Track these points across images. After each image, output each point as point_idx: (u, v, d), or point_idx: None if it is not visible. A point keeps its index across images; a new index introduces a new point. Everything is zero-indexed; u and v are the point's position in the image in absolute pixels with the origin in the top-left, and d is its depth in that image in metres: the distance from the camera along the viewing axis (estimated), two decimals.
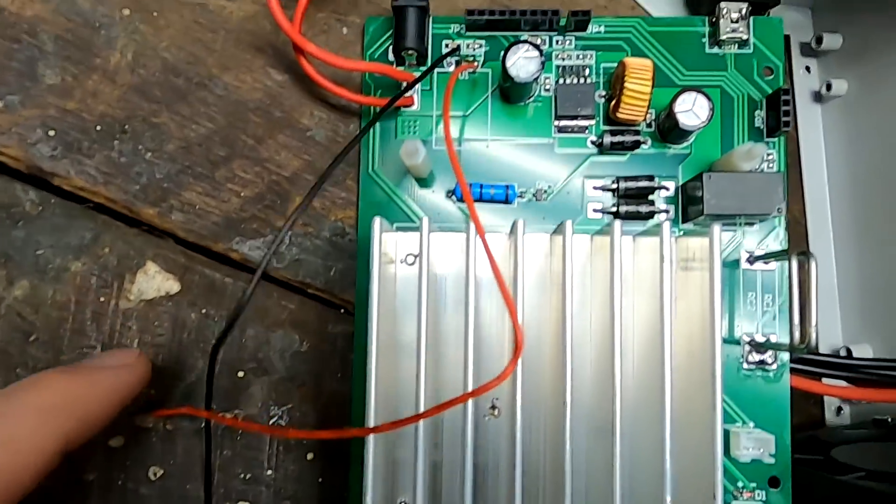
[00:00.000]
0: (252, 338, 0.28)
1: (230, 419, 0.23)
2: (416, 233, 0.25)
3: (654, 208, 0.28)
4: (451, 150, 0.23)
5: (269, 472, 0.28)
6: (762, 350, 0.27)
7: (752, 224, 0.28)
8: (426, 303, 0.24)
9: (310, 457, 0.28)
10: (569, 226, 0.24)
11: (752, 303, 0.28)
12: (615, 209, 0.28)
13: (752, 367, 0.28)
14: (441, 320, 0.26)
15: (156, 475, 0.27)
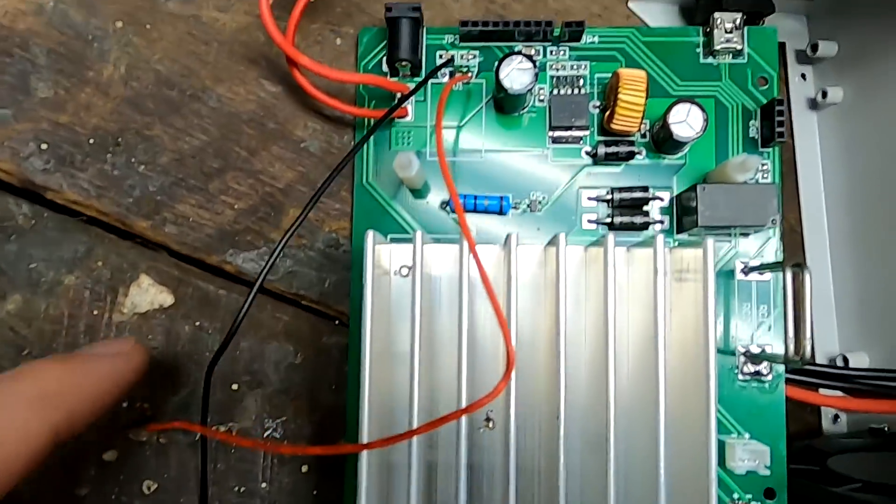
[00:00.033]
0: (246, 350, 0.28)
1: (223, 434, 0.23)
2: (411, 244, 0.25)
3: (648, 219, 0.28)
4: (444, 163, 0.23)
5: (264, 485, 0.28)
6: (757, 361, 0.27)
7: (747, 235, 0.28)
8: (419, 319, 0.24)
9: (304, 469, 0.28)
10: (562, 239, 0.24)
11: (747, 313, 0.28)
12: (610, 220, 0.28)
13: (747, 378, 0.27)
14: (436, 329, 0.26)
15: (150, 489, 0.27)
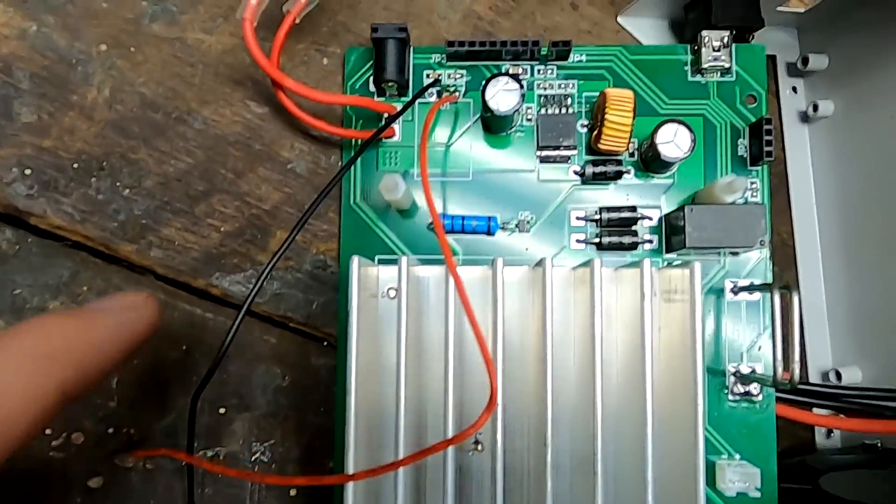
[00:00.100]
0: (233, 373, 0.28)
1: (208, 463, 0.22)
2: (402, 260, 0.25)
3: (637, 239, 0.28)
4: (427, 188, 0.23)
5: None
6: (747, 381, 0.27)
7: (737, 254, 0.28)
8: (404, 347, 0.24)
9: (292, 493, 0.28)
10: (548, 263, 0.24)
11: (737, 332, 0.28)
12: (598, 240, 0.28)
13: (737, 398, 0.27)
14: (425, 349, 0.25)
15: None
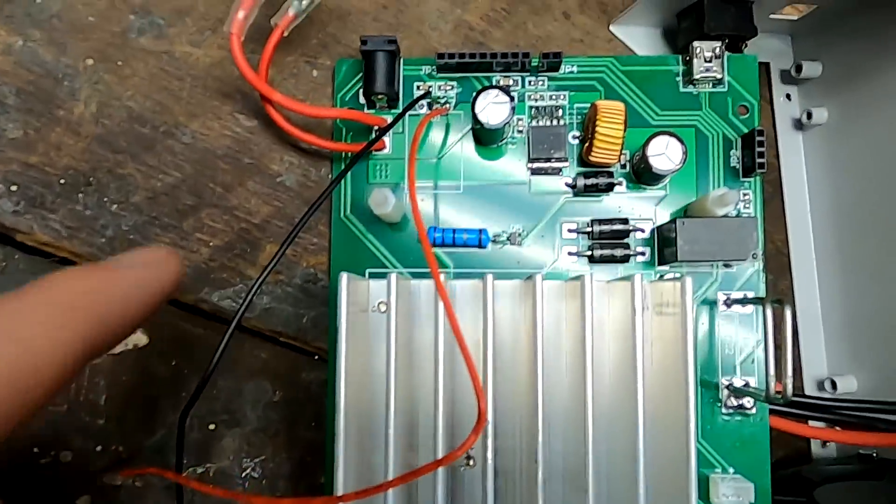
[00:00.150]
0: (223, 389, 0.28)
1: (196, 482, 0.22)
2: (391, 276, 0.24)
3: (629, 251, 0.28)
4: (415, 205, 0.23)
5: None
6: (741, 395, 0.27)
7: (730, 266, 0.28)
8: (394, 361, 0.23)
9: None
10: (538, 280, 0.23)
11: (729, 346, 0.28)
12: (590, 252, 0.28)
13: (730, 412, 0.27)
14: (416, 362, 0.25)
15: None
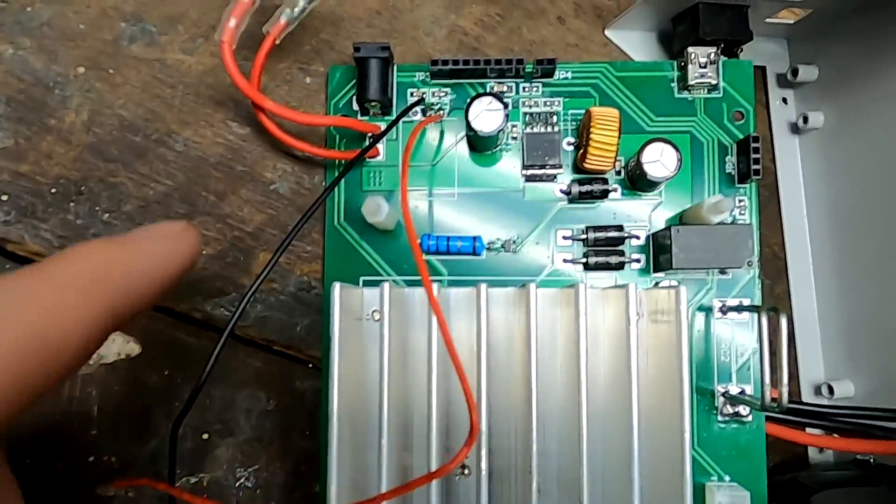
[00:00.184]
0: (217, 398, 0.28)
1: (189, 494, 0.22)
2: (384, 286, 0.24)
3: (623, 259, 0.27)
4: (408, 215, 0.22)
5: None
6: (737, 402, 0.27)
7: (725, 273, 0.28)
8: (387, 371, 0.23)
9: None
10: (532, 290, 0.23)
11: (725, 353, 0.27)
12: (585, 260, 0.28)
13: (726, 419, 0.27)
14: (411, 370, 0.25)
15: None
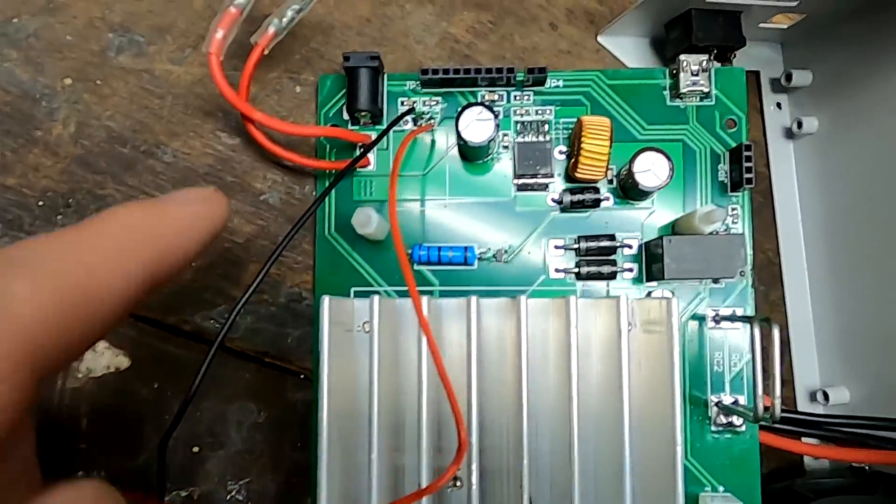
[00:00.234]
0: (207, 410, 0.27)
1: None
2: (374, 298, 0.24)
3: (615, 268, 0.27)
4: (395, 224, 0.22)
5: None
6: (730, 412, 0.27)
7: (718, 282, 0.27)
8: (377, 384, 0.23)
9: None
10: (523, 302, 0.23)
11: (718, 363, 0.27)
12: (577, 269, 0.27)
13: (720, 429, 0.27)
14: (403, 381, 0.25)
15: None
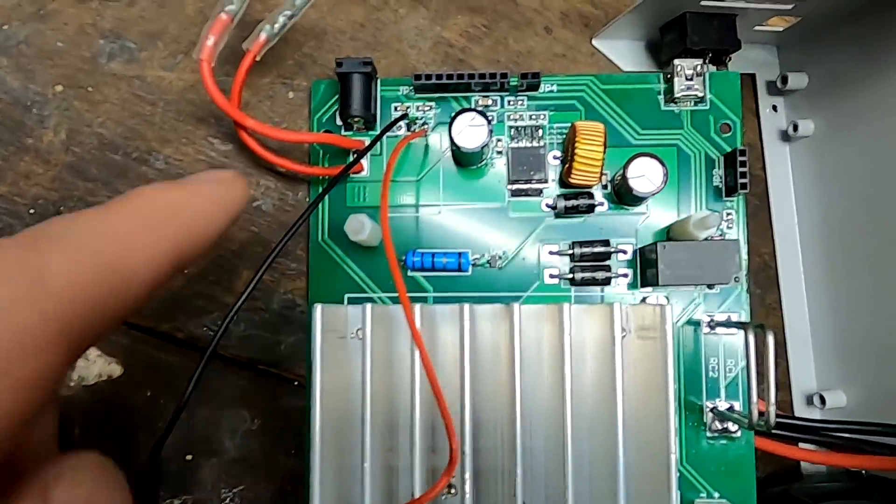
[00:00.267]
0: (201, 418, 0.27)
1: None
2: (367, 306, 0.24)
3: (610, 274, 0.27)
4: (387, 231, 0.22)
5: None
6: (725, 418, 0.27)
7: (713, 287, 0.27)
8: (370, 395, 0.23)
9: None
10: (516, 310, 0.23)
11: (714, 368, 0.27)
12: (571, 275, 0.27)
13: (715, 435, 0.27)
14: (397, 387, 0.25)
15: None
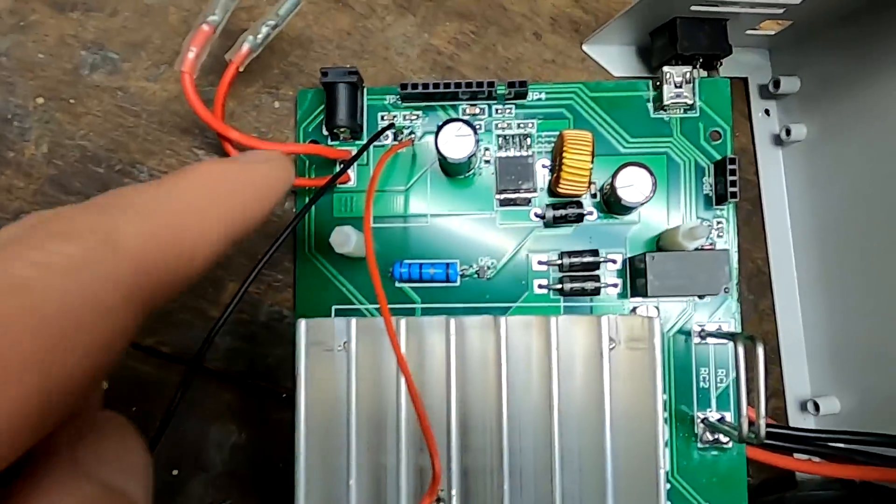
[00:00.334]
0: (187, 432, 0.27)
1: None
2: (352, 321, 0.24)
3: (599, 284, 0.27)
4: (370, 243, 0.22)
5: None
6: (716, 430, 0.26)
7: (703, 297, 0.27)
8: (356, 409, 0.23)
9: None
10: (503, 324, 0.23)
11: (705, 378, 0.27)
12: (560, 286, 0.27)
13: (706, 446, 0.27)
14: (384, 400, 0.25)
15: None
